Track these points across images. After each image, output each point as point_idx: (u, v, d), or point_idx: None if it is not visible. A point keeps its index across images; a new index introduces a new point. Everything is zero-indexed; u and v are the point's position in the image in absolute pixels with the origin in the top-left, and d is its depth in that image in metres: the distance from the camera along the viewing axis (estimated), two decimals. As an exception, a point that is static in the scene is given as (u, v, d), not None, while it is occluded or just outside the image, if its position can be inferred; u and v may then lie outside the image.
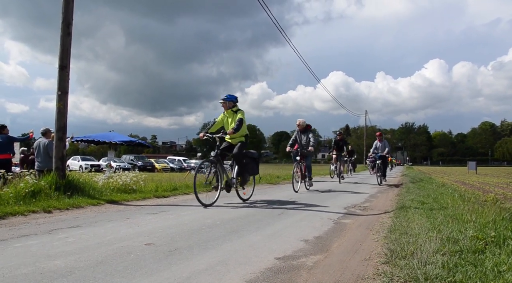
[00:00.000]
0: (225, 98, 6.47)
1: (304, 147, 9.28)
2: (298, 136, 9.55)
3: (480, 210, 4.59)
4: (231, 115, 6.50)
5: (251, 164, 6.56)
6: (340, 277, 2.43)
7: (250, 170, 6.55)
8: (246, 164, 6.38)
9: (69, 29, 6.48)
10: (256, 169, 6.78)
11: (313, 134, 9.40)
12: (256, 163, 6.79)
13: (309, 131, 9.45)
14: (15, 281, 2.19)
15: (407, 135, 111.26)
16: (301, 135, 9.51)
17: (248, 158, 6.53)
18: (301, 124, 9.49)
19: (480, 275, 2.22)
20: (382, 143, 12.94)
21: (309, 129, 9.55)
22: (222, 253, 2.96)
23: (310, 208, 5.78)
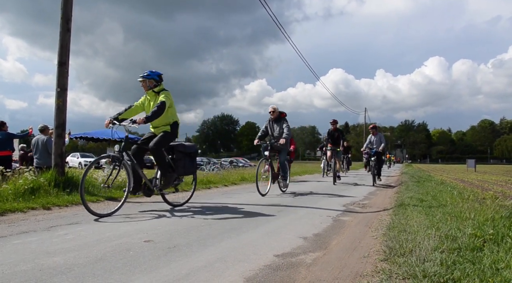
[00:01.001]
0: (144, 75, 5.07)
1: (277, 139, 7.63)
2: (270, 126, 7.86)
3: (479, 208, 4.61)
4: (153, 97, 5.13)
5: (182, 161, 5.27)
6: (339, 274, 2.43)
7: (181, 168, 5.24)
8: (177, 160, 5.20)
9: (68, 25, 6.45)
10: (191, 167, 5.47)
11: (287, 124, 7.68)
12: (192, 159, 5.47)
13: (284, 120, 7.71)
14: (15, 278, 2.20)
15: (407, 133, 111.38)
16: (273, 124, 7.81)
17: (179, 153, 5.26)
18: (275, 111, 7.78)
19: (478, 272, 2.23)
20: (377, 137, 11.38)
21: (283, 118, 7.79)
22: (220, 250, 2.96)
23: (309, 206, 5.79)
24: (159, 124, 5.11)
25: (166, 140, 5.08)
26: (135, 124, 4.76)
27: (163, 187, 5.14)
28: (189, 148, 5.44)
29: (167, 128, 5.12)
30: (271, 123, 7.84)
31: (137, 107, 5.16)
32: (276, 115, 7.76)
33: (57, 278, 2.22)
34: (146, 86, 5.08)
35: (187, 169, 5.38)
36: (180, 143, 5.41)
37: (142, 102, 5.20)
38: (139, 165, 4.93)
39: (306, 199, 6.64)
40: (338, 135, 11.65)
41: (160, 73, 5.16)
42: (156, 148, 4.90)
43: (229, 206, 5.56)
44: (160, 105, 4.84)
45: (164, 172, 5.06)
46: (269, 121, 7.87)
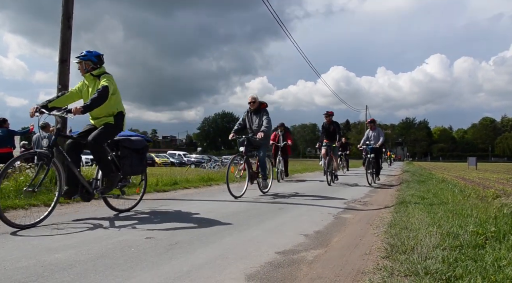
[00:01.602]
0: (80, 56, 4.28)
1: (255, 132, 6.73)
2: (248, 119, 6.98)
3: (481, 206, 4.60)
4: (92, 82, 4.31)
5: (129, 158, 4.44)
6: (340, 272, 2.43)
7: (127, 167, 4.42)
8: (123, 157, 4.40)
9: (69, 22, 6.45)
10: (139, 166, 4.61)
11: (268, 116, 6.79)
12: (140, 156, 4.63)
13: (264, 112, 6.83)
14: (17, 274, 2.20)
15: (408, 131, 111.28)
16: (252, 116, 6.93)
17: (125, 149, 4.43)
18: (255, 101, 6.87)
19: (480, 269, 2.23)
20: (375, 132, 10.59)
21: (263, 109, 6.89)
22: (222, 247, 2.97)
23: (310, 203, 5.79)
24: (100, 115, 4.33)
25: (107, 134, 4.28)
26: (70, 115, 3.92)
27: (105, 190, 4.29)
28: (137, 143, 4.62)
29: (109, 119, 4.33)
30: (250, 115, 6.97)
31: (72, 94, 4.35)
32: (256, 106, 6.89)
33: (58, 274, 2.22)
34: (83, 69, 4.29)
35: (135, 168, 4.56)
36: (126, 138, 4.61)
37: (79, 88, 4.37)
38: (75, 163, 4.07)
39: (307, 197, 6.64)
40: (334, 128, 10.11)
41: (99, 53, 4.38)
42: (94, 142, 4.08)
43: (230, 203, 5.56)
44: (102, 91, 4.05)
45: (106, 171, 4.25)
46: (247, 113, 7.01)
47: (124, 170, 4.42)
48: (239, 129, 6.99)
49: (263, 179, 6.84)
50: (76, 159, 4.15)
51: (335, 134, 9.99)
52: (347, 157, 17.66)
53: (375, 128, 10.68)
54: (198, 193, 6.96)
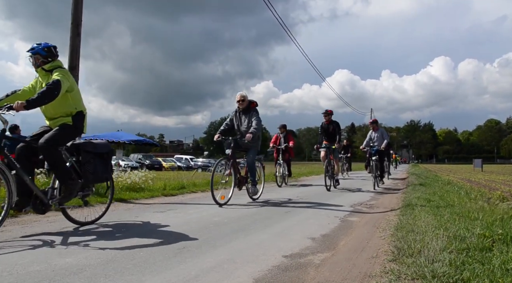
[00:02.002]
0: (29, 50, 3.82)
1: (244, 134, 6.17)
2: (237, 119, 6.45)
3: (487, 208, 4.59)
4: (45, 77, 3.81)
5: (92, 164, 3.92)
6: (348, 275, 2.44)
7: (89, 174, 3.89)
8: (84, 163, 3.87)
9: (78, 29, 6.56)
10: (104, 172, 4.08)
11: (258, 116, 6.27)
12: (105, 161, 4.12)
13: (254, 112, 6.32)
14: (28, 278, 2.24)
15: (413, 133, 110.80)
16: (241, 116, 6.40)
17: (87, 154, 3.93)
18: (245, 100, 6.33)
19: (487, 273, 2.23)
20: (378, 133, 10.06)
21: (253, 109, 6.37)
22: (229, 251, 2.99)
23: (316, 207, 5.80)
24: (56, 115, 3.84)
25: (63, 136, 3.77)
26: (12, 111, 3.41)
27: (63, 200, 3.75)
28: (101, 147, 4.14)
29: (67, 120, 3.84)
30: (239, 115, 6.43)
31: (25, 92, 3.84)
32: (246, 105, 6.34)
33: (69, 278, 2.25)
34: (34, 64, 3.83)
35: (99, 175, 4.02)
36: (88, 141, 4.12)
37: (33, 85, 3.90)
38: (26, 170, 3.50)
39: (313, 200, 6.64)
40: (334, 128, 9.33)
41: (50, 45, 3.88)
42: (47, 145, 3.56)
43: (236, 206, 5.58)
44: (51, 85, 3.55)
45: (63, 178, 3.71)
46: (236, 112, 6.48)
47: (86, 177, 3.89)
48: (226, 130, 6.46)
49: (252, 185, 6.28)
50: (27, 165, 3.59)
51: (335, 135, 9.24)
52: (350, 159, 17.10)
53: (378, 129, 10.22)
54: (205, 197, 6.98)
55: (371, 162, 9.59)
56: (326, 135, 9.43)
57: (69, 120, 3.85)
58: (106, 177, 4.23)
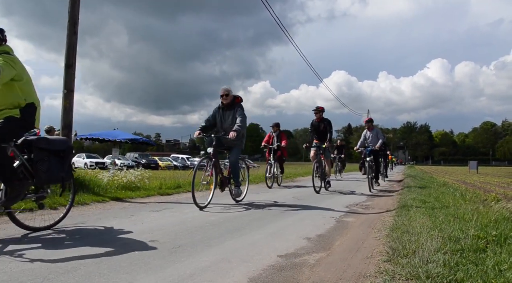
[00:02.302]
0: None
1: (228, 131, 5.71)
2: (220, 115, 5.96)
3: (482, 209, 4.61)
4: None
5: (46, 162, 3.48)
6: (342, 275, 2.45)
7: (42, 173, 3.45)
8: (37, 161, 3.42)
9: (75, 28, 6.54)
10: (60, 171, 3.61)
11: (243, 112, 5.88)
12: (62, 160, 3.67)
13: (238, 108, 5.90)
14: (23, 276, 2.23)
15: (409, 135, 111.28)
16: (225, 113, 5.93)
17: (41, 151, 3.47)
18: (229, 95, 5.87)
19: (481, 273, 2.24)
20: (373, 132, 9.73)
21: (238, 104, 5.95)
22: (225, 250, 2.99)
23: (312, 207, 5.80)
24: (1, 106, 3.36)
25: (7, 130, 3.30)
26: None
27: (8, 203, 3.32)
28: (58, 144, 3.66)
29: (14, 112, 3.37)
30: (222, 111, 5.94)
31: None
32: (230, 100, 5.88)
33: (63, 276, 2.25)
34: None
35: (53, 175, 3.53)
36: (42, 137, 3.68)
37: None
38: None
39: (309, 200, 6.65)
40: (325, 126, 8.64)
41: None
42: None
43: (232, 206, 5.58)
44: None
45: (5, 178, 3.25)
46: (219, 108, 5.99)
47: (38, 176, 3.45)
48: (208, 127, 5.98)
49: (236, 186, 5.86)
50: None
51: (325, 133, 8.57)
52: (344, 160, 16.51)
53: (373, 128, 9.86)
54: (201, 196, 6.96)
55: (366, 163, 9.26)
56: (317, 133, 8.82)
57: (16, 113, 3.38)
58: (62, 176, 3.66)
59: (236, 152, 5.89)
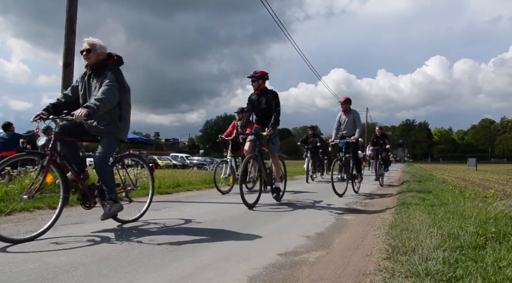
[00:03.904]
0: None
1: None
2: (84, 85, 3.73)
3: (481, 206, 4.62)
4: None
5: None
6: (342, 273, 2.45)
7: None
8: None
9: (73, 27, 6.55)
10: None
11: (114, 77, 3.55)
12: None
13: (109, 71, 3.60)
14: (22, 276, 2.23)
15: (408, 132, 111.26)
16: (91, 81, 3.70)
17: None
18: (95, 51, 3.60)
19: (480, 270, 2.25)
20: (349, 116, 7.49)
21: (109, 66, 3.66)
22: (224, 249, 2.99)
23: (311, 205, 5.81)
24: None
25: None
26: None
27: None
28: None
29: None
30: (88, 78, 3.71)
31: None
32: (96, 60, 3.64)
33: (63, 276, 2.24)
34: None
35: None
36: None
37: None
38: None
39: (308, 199, 6.66)
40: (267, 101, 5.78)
41: None
42: None
43: (231, 205, 5.58)
44: None
45: None
46: (84, 75, 3.76)
47: None
48: (61, 106, 3.73)
49: (109, 200, 3.60)
50: None
51: (269, 112, 5.76)
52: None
53: (349, 111, 7.57)
54: (200, 195, 6.98)
55: (343, 160, 7.30)
56: (256, 113, 6.02)
57: None
58: None
59: (106, 145, 3.62)
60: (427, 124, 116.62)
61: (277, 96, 5.85)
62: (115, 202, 3.62)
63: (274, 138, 5.70)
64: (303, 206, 5.71)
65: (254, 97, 5.95)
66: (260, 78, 5.82)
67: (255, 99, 5.92)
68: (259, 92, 5.88)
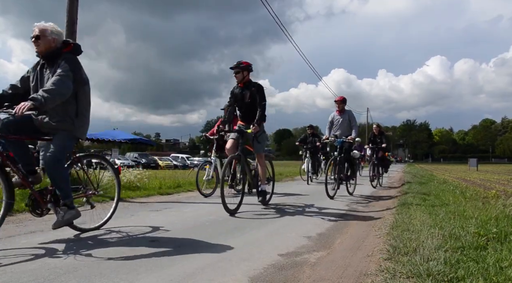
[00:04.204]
0: None
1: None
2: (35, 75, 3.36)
3: (482, 207, 4.62)
4: None
5: None
6: (343, 274, 2.45)
7: None
8: None
9: (73, 28, 6.56)
10: None
11: (67, 66, 3.14)
12: None
13: (63, 60, 3.19)
14: (23, 277, 2.22)
15: (408, 133, 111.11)
16: (44, 70, 3.32)
17: None
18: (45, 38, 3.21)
19: (482, 271, 2.24)
20: (344, 116, 7.20)
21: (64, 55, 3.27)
22: (225, 249, 2.98)
23: (312, 205, 5.80)
24: None
25: None
26: None
27: None
28: None
29: None
30: (41, 68, 3.36)
31: None
32: (47, 48, 3.28)
33: (64, 277, 2.24)
34: None
35: None
36: None
37: None
38: None
39: (309, 199, 6.65)
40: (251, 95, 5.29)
41: None
42: None
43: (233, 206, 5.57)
44: None
45: None
46: (37, 64, 3.42)
47: None
48: (7, 96, 3.32)
49: (63, 206, 3.16)
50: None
51: (254, 107, 5.25)
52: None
53: (344, 111, 7.28)
54: (201, 196, 6.97)
55: (336, 161, 6.86)
56: (240, 108, 5.47)
57: None
58: None
59: (58, 144, 3.19)
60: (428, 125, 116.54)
61: (262, 89, 5.37)
62: (70, 208, 3.17)
63: (260, 136, 5.28)
64: (303, 206, 5.70)
65: (237, 90, 5.44)
66: (245, 69, 5.34)
67: (238, 92, 5.41)
68: (242, 85, 5.39)
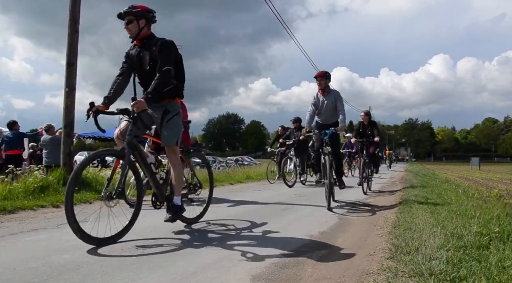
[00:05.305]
0: None
1: None
2: None
3: (484, 206, 4.61)
4: None
5: None
6: (345, 272, 2.45)
7: None
8: None
9: (76, 26, 6.56)
10: None
11: None
12: None
13: None
14: (26, 274, 2.23)
15: (411, 131, 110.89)
16: None
17: None
18: None
19: (484, 270, 2.24)
20: (329, 98, 5.87)
21: None
22: (227, 248, 2.99)
23: (314, 204, 5.80)
24: None
25: None
26: None
27: None
28: None
29: None
30: None
31: None
32: None
33: (67, 275, 2.25)
34: None
35: None
36: None
37: None
38: None
39: (311, 198, 6.65)
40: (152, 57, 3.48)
41: None
42: None
43: (234, 205, 5.58)
44: None
45: None
46: None
47: None
48: None
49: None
50: None
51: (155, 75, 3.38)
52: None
53: (329, 91, 5.96)
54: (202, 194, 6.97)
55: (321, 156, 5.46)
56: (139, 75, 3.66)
57: None
58: None
59: None
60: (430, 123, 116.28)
61: (168, 47, 3.52)
62: None
63: (170, 121, 3.49)
64: (305, 204, 5.69)
65: (133, 51, 3.58)
66: (141, 16, 3.46)
67: (135, 54, 3.54)
68: (139, 43, 3.54)
